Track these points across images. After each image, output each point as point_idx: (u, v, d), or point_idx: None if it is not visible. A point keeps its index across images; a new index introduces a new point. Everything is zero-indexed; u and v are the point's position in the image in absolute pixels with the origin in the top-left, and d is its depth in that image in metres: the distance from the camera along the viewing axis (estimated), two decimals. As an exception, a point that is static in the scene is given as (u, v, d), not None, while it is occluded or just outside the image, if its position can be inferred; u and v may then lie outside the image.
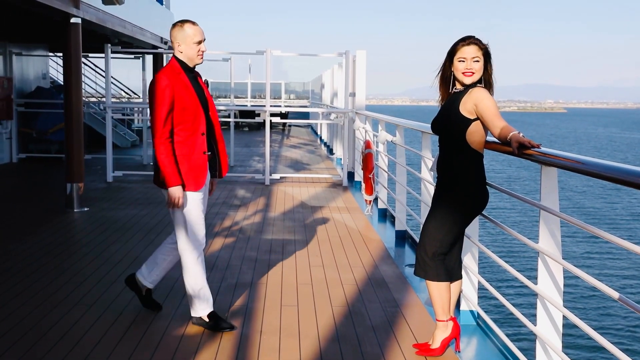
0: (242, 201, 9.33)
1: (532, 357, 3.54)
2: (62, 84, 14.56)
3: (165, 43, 14.51)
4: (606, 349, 2.77)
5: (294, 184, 11.15)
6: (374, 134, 8.85)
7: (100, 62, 18.64)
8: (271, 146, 14.84)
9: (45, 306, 4.70)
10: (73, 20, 8.51)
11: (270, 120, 11.41)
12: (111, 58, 11.89)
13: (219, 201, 9.29)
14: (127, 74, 21.12)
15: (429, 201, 5.10)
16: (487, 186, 3.80)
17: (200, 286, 4.27)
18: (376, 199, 8.42)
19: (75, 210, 8.50)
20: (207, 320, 4.27)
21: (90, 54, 17.81)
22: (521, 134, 3.35)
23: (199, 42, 4.18)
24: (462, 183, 3.70)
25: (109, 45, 11.69)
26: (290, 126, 29.15)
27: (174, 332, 4.22)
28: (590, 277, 2.98)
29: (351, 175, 11.36)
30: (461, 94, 3.68)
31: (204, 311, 4.28)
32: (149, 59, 15.17)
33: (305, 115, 28.08)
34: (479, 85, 3.68)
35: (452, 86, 3.78)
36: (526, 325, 3.57)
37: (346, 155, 11.49)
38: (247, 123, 26.55)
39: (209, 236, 7.00)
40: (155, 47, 14.07)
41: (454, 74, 3.73)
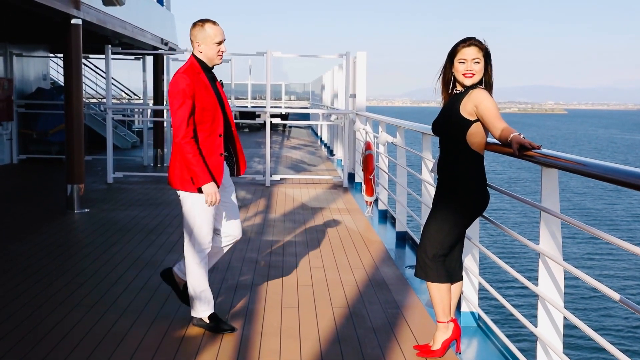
0: (242, 202, 9.33)
1: (532, 359, 3.54)
2: (62, 85, 14.56)
3: (166, 44, 14.51)
4: (607, 350, 2.77)
5: (295, 185, 11.15)
6: (375, 135, 8.86)
7: (101, 63, 18.66)
8: (271, 147, 14.85)
9: (46, 307, 4.69)
10: (73, 21, 8.51)
11: (271, 122, 11.41)
12: (112, 59, 11.91)
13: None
14: (128, 75, 21.14)
15: (429, 202, 5.10)
16: (488, 187, 3.80)
17: (202, 288, 4.27)
18: (376, 200, 8.42)
19: (75, 211, 8.50)
20: (208, 322, 4.27)
21: (91, 55, 17.82)
22: (522, 135, 3.35)
23: (220, 43, 4.13)
24: (463, 184, 3.70)
25: (109, 46, 11.70)
26: (290, 127, 29.16)
27: (175, 334, 4.22)
28: (591, 278, 2.98)
29: (351, 177, 11.35)
30: (461, 96, 3.68)
31: (204, 312, 4.28)
32: (149, 60, 15.17)
33: (306, 117, 28.10)
34: (479, 86, 3.68)
35: (452, 88, 3.78)
36: (527, 327, 3.57)
37: (346, 157, 11.48)
38: (248, 124, 26.55)
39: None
40: (156, 48, 14.08)
41: (454, 75, 3.73)
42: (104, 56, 11.90)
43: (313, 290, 5.22)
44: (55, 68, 18.60)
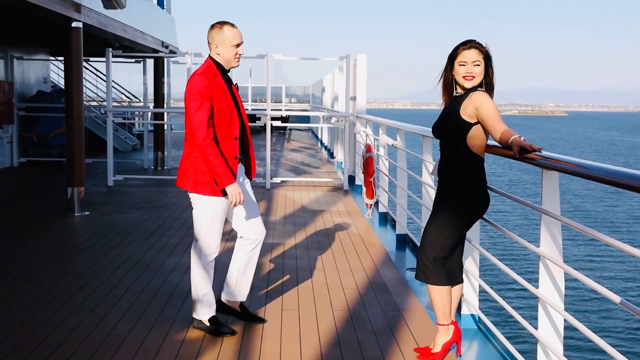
0: (243, 205, 9.32)
1: (533, 361, 3.53)
2: (63, 88, 14.60)
3: (167, 47, 14.52)
4: (607, 352, 2.77)
5: (295, 187, 11.15)
6: (375, 137, 8.86)
7: (101, 66, 18.67)
8: (272, 150, 14.86)
9: (46, 310, 4.69)
10: (74, 24, 8.52)
11: (271, 124, 11.42)
12: (112, 62, 11.91)
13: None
14: (128, 78, 21.21)
15: (429, 205, 5.10)
16: (488, 190, 3.80)
17: (204, 292, 4.26)
18: (377, 202, 8.42)
19: (76, 214, 8.50)
20: (208, 325, 4.27)
21: (92, 58, 17.82)
22: (522, 138, 3.35)
23: (237, 45, 4.12)
24: (463, 187, 3.70)
25: (110, 49, 11.71)
26: (291, 130, 29.16)
27: (175, 337, 4.22)
28: (592, 280, 2.97)
29: (352, 179, 11.35)
30: (462, 98, 3.68)
31: (205, 315, 4.28)
32: (150, 63, 15.18)
33: (306, 119, 28.10)
34: (479, 89, 3.68)
35: (453, 90, 3.78)
36: (527, 329, 3.56)
37: (347, 159, 11.48)
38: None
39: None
40: (157, 51, 14.08)
41: (454, 77, 3.73)
42: (104, 59, 11.91)
43: (313, 292, 5.22)
44: (55, 71, 18.63)
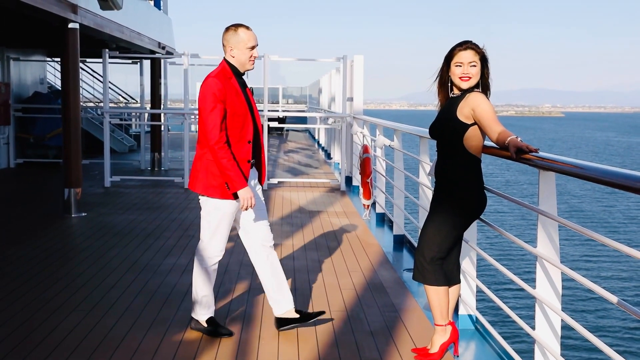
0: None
1: (530, 362, 3.54)
2: (59, 89, 14.58)
3: (163, 48, 14.51)
4: (604, 352, 2.77)
5: (292, 188, 11.15)
6: (372, 138, 8.86)
7: (98, 67, 18.65)
8: (269, 151, 14.86)
9: (43, 311, 4.69)
10: (71, 25, 8.51)
11: (268, 125, 11.41)
12: (109, 63, 11.90)
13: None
14: (125, 79, 21.19)
15: (427, 206, 5.10)
16: (485, 190, 3.81)
17: (204, 293, 4.26)
18: (374, 203, 8.42)
19: (73, 215, 8.49)
20: (206, 326, 4.27)
21: (88, 59, 17.80)
22: (519, 139, 3.36)
23: (252, 48, 4.10)
24: (460, 187, 3.70)
25: (106, 50, 11.70)
26: (288, 131, 29.16)
27: (173, 338, 4.21)
28: (589, 281, 2.98)
29: (349, 180, 11.36)
30: (458, 99, 3.69)
31: (203, 316, 4.28)
32: (146, 64, 15.17)
33: (303, 120, 28.09)
34: (476, 90, 3.68)
35: (449, 91, 3.79)
36: (524, 329, 3.57)
37: (344, 160, 11.48)
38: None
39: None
40: (153, 52, 14.07)
41: (451, 78, 3.74)
42: (101, 60, 11.91)
43: (311, 293, 5.22)
44: (52, 72, 18.59)
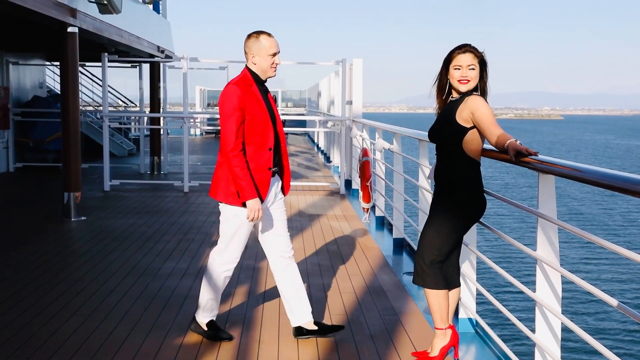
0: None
1: (530, 365, 3.53)
2: (59, 93, 14.58)
3: (162, 52, 14.52)
4: (604, 355, 2.77)
5: (291, 192, 11.14)
6: (371, 141, 8.86)
7: (97, 71, 18.66)
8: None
9: (43, 315, 4.68)
10: (70, 29, 8.52)
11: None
12: (108, 67, 11.91)
13: (216, 210, 9.24)
14: (124, 82, 21.16)
15: (426, 209, 5.10)
16: (485, 194, 3.81)
17: (210, 297, 4.24)
18: (374, 206, 8.42)
19: (72, 219, 8.48)
20: (206, 329, 4.26)
21: (87, 63, 17.83)
22: (518, 142, 3.36)
23: (274, 55, 4.09)
24: (460, 191, 3.70)
25: (106, 54, 11.71)
26: (287, 134, 29.11)
27: (172, 342, 4.21)
28: (588, 284, 2.98)
29: (348, 184, 11.35)
30: (457, 102, 3.69)
31: (204, 318, 4.27)
32: (145, 67, 15.18)
33: (302, 124, 28.10)
34: (474, 93, 3.68)
35: (448, 94, 3.79)
36: (524, 332, 3.57)
37: (343, 163, 11.48)
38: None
39: (206, 245, 7.00)
40: (152, 56, 14.08)
41: (450, 82, 3.74)
42: (100, 64, 11.91)
43: (311, 297, 5.20)
44: (51, 76, 18.60)
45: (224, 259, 4.20)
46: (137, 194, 10.78)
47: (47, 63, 17.05)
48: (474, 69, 3.66)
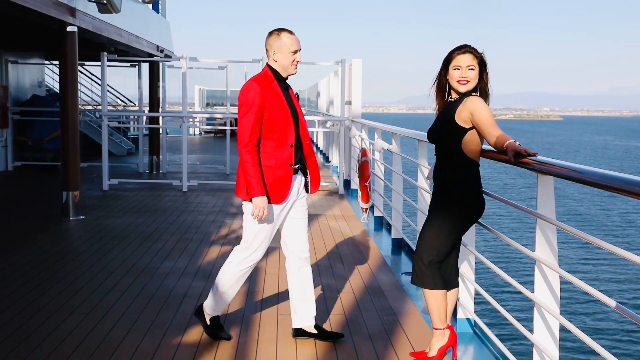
0: (238, 209, 9.32)
1: (528, 365, 3.53)
2: (58, 92, 14.57)
3: (162, 51, 14.52)
4: (602, 355, 2.77)
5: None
6: (370, 142, 8.87)
7: (97, 70, 18.69)
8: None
9: (41, 314, 4.68)
10: (69, 28, 8.52)
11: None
12: (107, 66, 11.90)
13: (215, 209, 9.28)
14: (123, 82, 21.14)
15: (425, 209, 5.10)
16: (484, 194, 3.81)
17: (225, 290, 4.18)
18: (372, 207, 8.42)
19: (71, 218, 8.48)
20: (208, 324, 4.24)
21: (87, 62, 17.82)
22: (517, 142, 3.36)
23: (295, 52, 4.07)
24: (459, 191, 3.71)
25: (105, 53, 11.71)
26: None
27: (171, 342, 4.21)
28: (587, 284, 2.98)
29: (347, 184, 11.36)
30: (456, 103, 3.69)
31: (211, 311, 4.23)
32: (145, 67, 15.18)
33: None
34: (474, 94, 3.69)
35: (447, 95, 3.79)
36: (523, 333, 3.57)
37: (342, 164, 11.48)
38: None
39: (205, 244, 7.00)
40: (152, 55, 14.08)
41: (449, 82, 3.74)
42: (99, 63, 11.91)
43: (309, 297, 5.21)
44: (50, 75, 18.61)
45: (244, 257, 4.15)
46: (136, 193, 10.78)
47: (46, 62, 17.05)
48: (473, 69, 3.66)
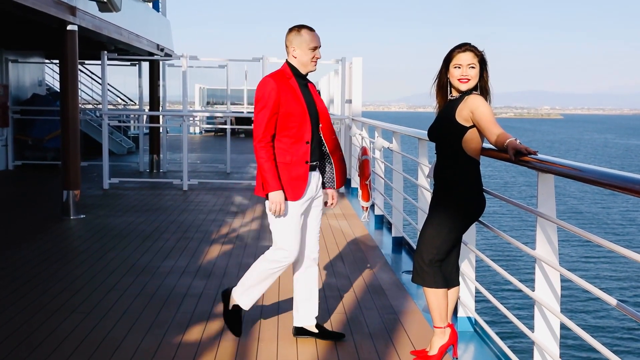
0: (239, 208, 9.33)
1: (529, 364, 3.53)
2: (58, 91, 14.56)
3: (162, 50, 14.52)
4: (603, 354, 2.77)
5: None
6: (371, 140, 8.86)
7: (97, 69, 18.66)
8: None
9: (42, 314, 4.68)
10: (69, 27, 8.51)
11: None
12: (107, 65, 11.90)
13: (215, 208, 9.28)
14: (124, 80, 21.14)
15: (425, 208, 5.10)
16: (484, 192, 3.81)
17: (252, 285, 4.12)
18: (373, 205, 8.42)
19: (71, 217, 8.48)
20: (230, 309, 4.16)
21: (87, 61, 17.81)
22: (518, 141, 3.36)
23: (315, 49, 4.07)
24: (459, 190, 3.70)
25: (105, 52, 11.70)
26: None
27: (172, 340, 4.21)
28: (587, 283, 2.98)
29: (348, 182, 11.35)
30: (457, 101, 3.69)
31: (240, 302, 4.15)
32: (145, 65, 15.17)
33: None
34: (474, 92, 3.68)
35: (448, 93, 3.79)
36: (523, 331, 3.57)
37: (343, 162, 11.46)
38: (244, 129, 26.58)
39: (205, 243, 7.00)
40: (152, 54, 14.07)
41: (450, 80, 3.74)
42: (99, 62, 11.91)
43: (310, 295, 5.20)
44: (51, 74, 18.60)
45: (275, 257, 4.09)
46: (136, 192, 10.78)
47: (47, 61, 17.04)
48: (474, 67, 3.66)
